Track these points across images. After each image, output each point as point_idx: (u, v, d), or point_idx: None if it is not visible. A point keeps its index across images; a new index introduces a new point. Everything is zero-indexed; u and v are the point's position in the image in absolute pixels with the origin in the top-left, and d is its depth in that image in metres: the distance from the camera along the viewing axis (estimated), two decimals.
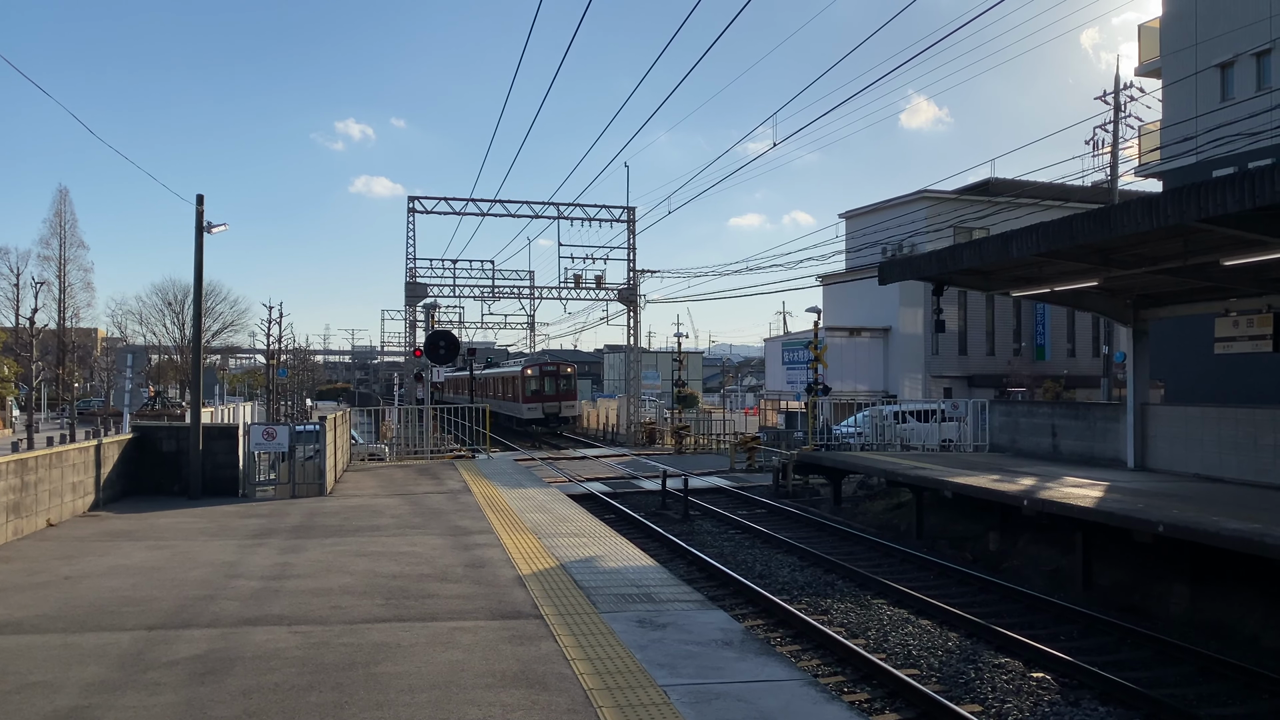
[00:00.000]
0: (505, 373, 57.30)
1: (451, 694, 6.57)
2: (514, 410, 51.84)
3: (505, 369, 58.97)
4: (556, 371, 51.10)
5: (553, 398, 49.94)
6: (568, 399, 50.64)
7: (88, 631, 8.23)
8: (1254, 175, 10.55)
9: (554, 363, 52.84)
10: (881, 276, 19.89)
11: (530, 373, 50.35)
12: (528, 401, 49.60)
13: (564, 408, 50.37)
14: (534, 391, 49.89)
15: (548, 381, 50.31)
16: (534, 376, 50.33)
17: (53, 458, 14.28)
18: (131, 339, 67.37)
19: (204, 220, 18.17)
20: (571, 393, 51.32)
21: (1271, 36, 26.90)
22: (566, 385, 50.88)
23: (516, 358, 67.53)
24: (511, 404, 52.81)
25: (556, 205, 41.35)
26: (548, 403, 49.73)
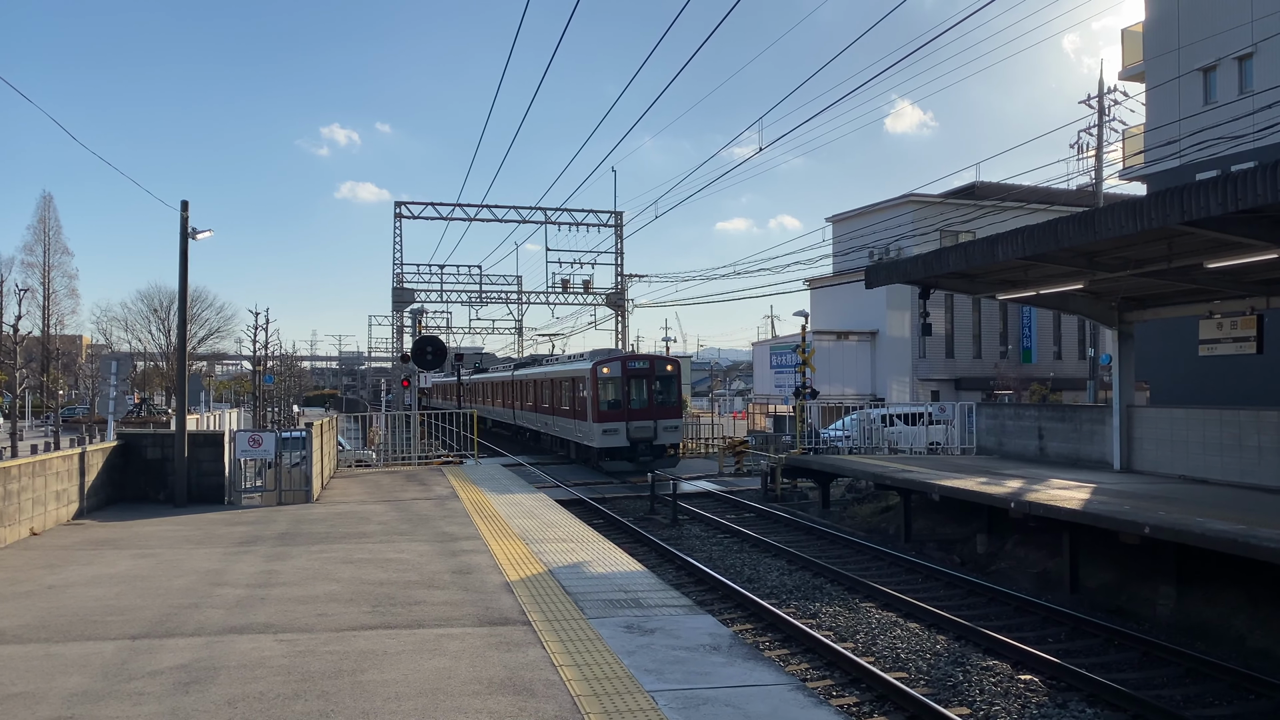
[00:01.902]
0: (552, 373, 36.55)
1: (439, 701, 6.53)
2: (570, 431, 33.15)
3: (551, 368, 37.76)
4: (649, 370, 30.83)
5: (644, 413, 30.20)
6: (668, 414, 30.63)
7: (71, 641, 8.15)
8: (1236, 178, 10.61)
9: (644, 356, 32.42)
10: (868, 280, 19.95)
11: (606, 372, 30.37)
12: (603, 419, 29.97)
13: (662, 430, 30.29)
14: (612, 404, 30.26)
15: (636, 387, 30.52)
16: (612, 379, 30.54)
17: (36, 466, 14.16)
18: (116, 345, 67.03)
19: (189, 226, 18.08)
20: (673, 406, 31.18)
21: (1253, 40, 27.10)
22: (665, 393, 30.88)
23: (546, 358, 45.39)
24: (566, 421, 33.66)
25: (544, 210, 41.35)
26: (637, 421, 30.01)
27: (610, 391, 30.32)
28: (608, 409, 29.93)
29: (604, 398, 30.10)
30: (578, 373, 32.01)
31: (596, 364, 30.30)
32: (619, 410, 29.91)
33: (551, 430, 36.39)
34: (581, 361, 32.71)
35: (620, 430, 29.63)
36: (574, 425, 32.46)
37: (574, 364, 33.72)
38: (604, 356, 31.52)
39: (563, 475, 28.50)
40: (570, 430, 33.21)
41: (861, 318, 46.35)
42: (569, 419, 33.31)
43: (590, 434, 30.34)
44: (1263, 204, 10.36)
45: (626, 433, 29.61)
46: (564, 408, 34.12)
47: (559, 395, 34.92)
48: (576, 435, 32.26)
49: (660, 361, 31.60)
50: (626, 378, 30.37)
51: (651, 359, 31.58)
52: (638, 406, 30.08)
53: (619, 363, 30.49)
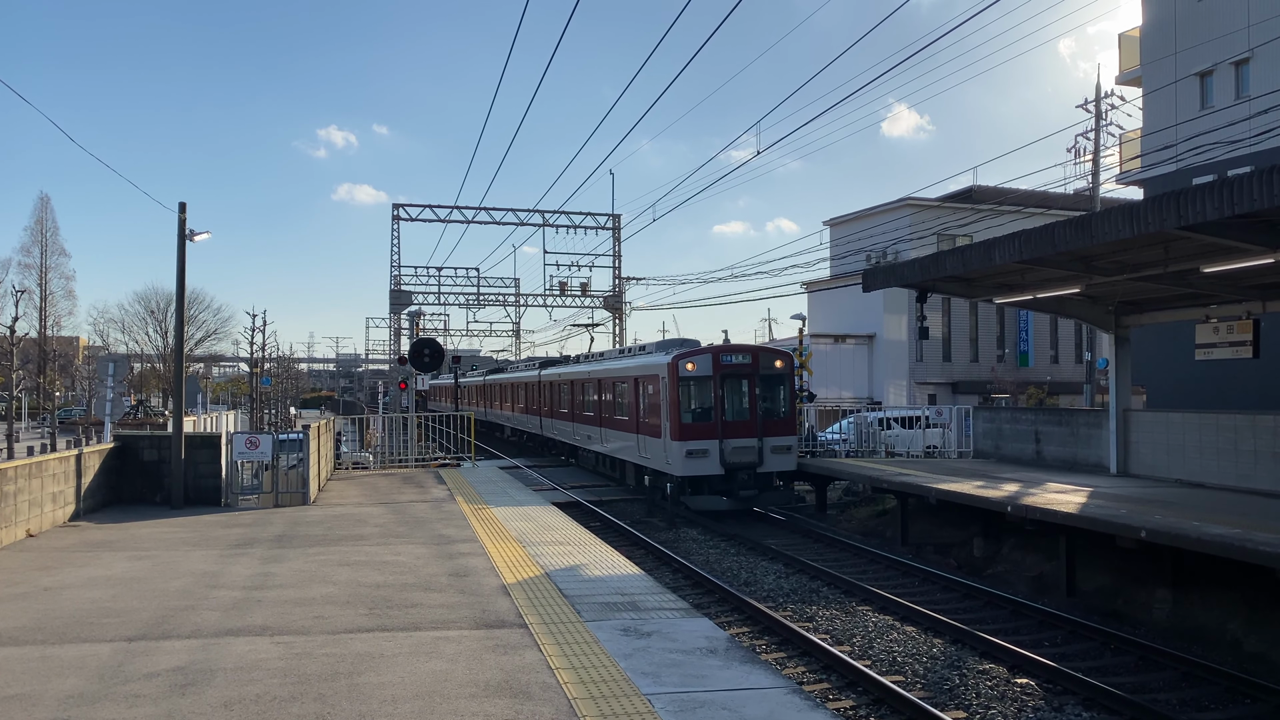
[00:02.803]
0: (605, 372, 27.99)
1: (435, 704, 6.53)
2: (633, 451, 24.93)
3: (602, 365, 29.16)
4: (751, 367, 22.61)
5: (744, 428, 22.12)
6: (778, 429, 22.48)
7: (67, 643, 8.15)
8: (1233, 183, 10.64)
9: (743, 348, 23.79)
10: (865, 284, 19.97)
11: (691, 369, 22.14)
12: (687, 436, 21.77)
13: (771, 452, 22.18)
14: (699, 414, 22.08)
15: (732, 391, 22.46)
16: (697, 380, 22.23)
17: (32, 467, 14.15)
18: (113, 347, 66.94)
19: (186, 228, 18.08)
20: (785, 418, 22.80)
21: (1250, 45, 27.17)
22: (773, 399, 22.79)
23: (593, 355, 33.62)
24: (625, 437, 25.47)
25: (542, 212, 41.38)
26: (735, 439, 21.90)
27: (696, 397, 21.97)
28: (693, 421, 21.62)
29: (688, 406, 21.76)
30: (645, 370, 23.72)
31: (677, 358, 21.87)
32: (708, 424, 21.59)
33: (601, 446, 28.16)
34: (651, 355, 24.62)
35: (711, 453, 21.31)
36: (639, 443, 24.09)
37: (638, 359, 25.49)
38: (685, 348, 23.08)
39: (560, 478, 28.45)
40: (633, 449, 24.78)
41: (859, 321, 46.39)
42: (630, 433, 24.85)
43: (666, 456, 21.98)
44: (1259, 209, 10.38)
45: (720, 456, 21.32)
46: (620, 418, 25.94)
47: (615, 401, 26.50)
48: (643, 456, 23.86)
49: (766, 355, 22.75)
50: (719, 377, 21.83)
51: (754, 351, 22.83)
52: (735, 418, 21.86)
53: (708, 356, 22.11)
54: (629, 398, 25.08)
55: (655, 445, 22.92)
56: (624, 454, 26.02)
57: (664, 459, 22.37)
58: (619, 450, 26.49)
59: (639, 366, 24.68)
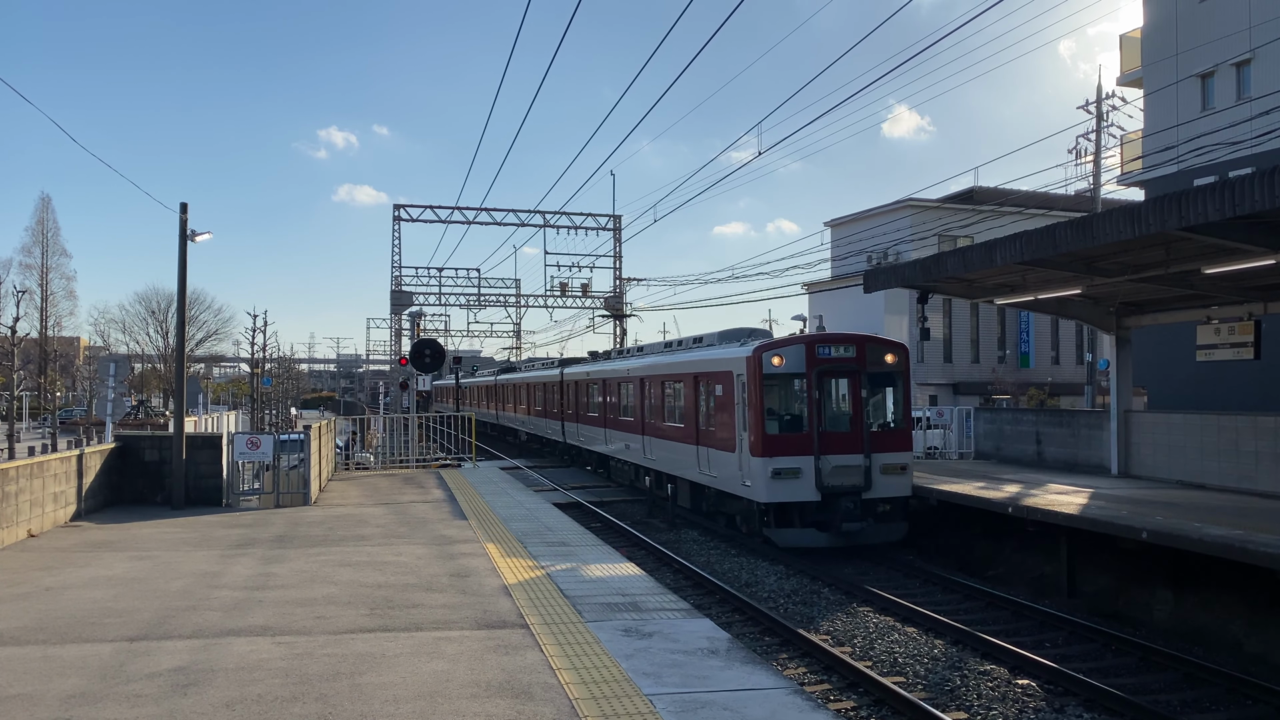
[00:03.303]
0: (660, 367, 23.09)
1: (437, 704, 6.53)
2: (694, 467, 20.27)
3: (655, 359, 24.08)
4: (857, 361, 17.58)
5: (846, 440, 17.21)
6: (891, 443, 17.59)
7: (68, 643, 8.15)
8: (1234, 184, 10.64)
9: (845, 338, 18.16)
10: (866, 284, 19.97)
11: (778, 364, 17.38)
12: (773, 450, 16.97)
13: (881, 471, 17.20)
14: (789, 422, 17.42)
15: (833, 392, 17.98)
16: (786, 378, 17.62)
17: (34, 468, 14.15)
18: (114, 347, 66.97)
19: (188, 228, 18.09)
20: (899, 429, 18.05)
21: (1251, 46, 27.17)
22: (884, 403, 18.22)
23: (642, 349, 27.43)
24: (685, 450, 20.77)
25: (542, 213, 41.41)
26: (836, 455, 17.06)
27: (785, 400, 17.50)
28: (780, 432, 17.00)
29: (774, 411, 17.24)
30: (712, 366, 19.13)
31: (760, 350, 17.26)
32: (801, 436, 16.88)
33: (643, 458, 23.54)
34: (718, 347, 19.91)
35: (804, 473, 16.62)
36: (700, 458, 19.58)
37: (699, 351, 20.70)
38: (755, 338, 19.10)
39: (560, 479, 28.46)
40: (689, 464, 20.30)
41: (859, 322, 46.32)
42: (685, 444, 20.46)
43: (742, 476, 17.39)
44: (1260, 210, 10.38)
45: (816, 477, 16.62)
46: (672, 425, 21.48)
47: (666, 405, 22.13)
48: (705, 474, 19.36)
49: (875, 347, 17.86)
50: (815, 375, 17.06)
51: (859, 342, 17.70)
52: (835, 429, 17.13)
53: (800, 348, 17.31)
54: (686, 400, 20.65)
55: (725, 461, 18.19)
56: (677, 469, 21.33)
57: (738, 479, 17.55)
58: (670, 464, 21.83)
59: (702, 361, 19.88)
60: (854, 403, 17.54)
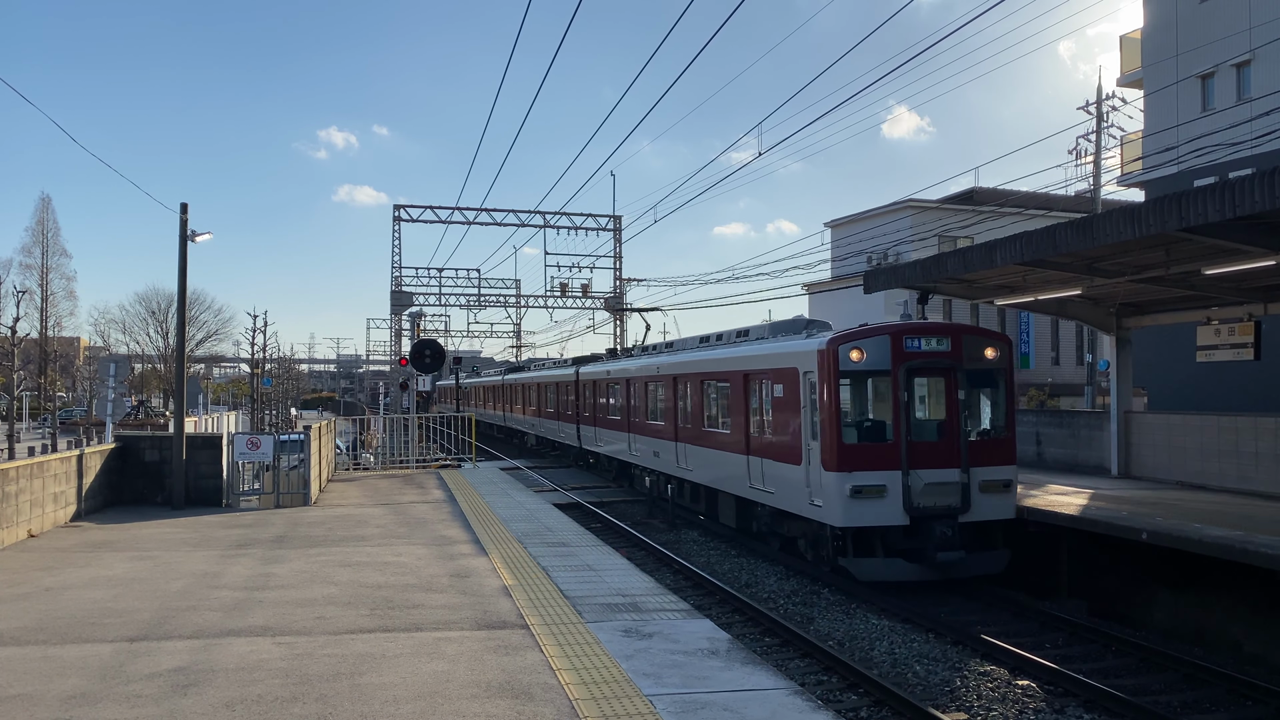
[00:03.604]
0: (698, 365, 20.21)
1: (437, 704, 6.53)
2: (738, 479, 17.74)
3: (695, 355, 20.88)
4: (952, 357, 14.63)
5: (939, 452, 14.38)
6: (991, 455, 14.68)
7: (68, 643, 8.15)
8: (1234, 185, 10.64)
9: (938, 327, 15.44)
10: (866, 285, 19.96)
11: (858, 359, 14.43)
12: (850, 463, 14.15)
13: (980, 490, 14.35)
14: (869, 430, 14.66)
15: (922, 392, 15.14)
16: (867, 376, 14.83)
17: (34, 468, 14.16)
18: (114, 348, 67.00)
19: (188, 229, 18.10)
20: (1001, 438, 14.97)
21: (1251, 47, 27.17)
22: (979, 407, 15.21)
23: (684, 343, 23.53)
24: (733, 460, 17.92)
25: (543, 214, 41.40)
26: (929, 470, 14.16)
27: (866, 403, 14.96)
28: (860, 441, 14.46)
29: (853, 417, 14.72)
30: (772, 362, 16.38)
31: (835, 343, 14.48)
32: (885, 446, 14.23)
33: (681, 469, 20.94)
34: (777, 340, 17.14)
35: (890, 491, 14.01)
36: (755, 471, 16.79)
37: (753, 346, 17.86)
38: (842, 329, 15.41)
39: (560, 479, 28.46)
40: (739, 478, 17.53)
41: (859, 322, 46.40)
42: (735, 454, 17.62)
43: (811, 494, 14.78)
44: (1260, 210, 10.39)
45: (905, 497, 14.00)
46: (718, 432, 18.67)
47: (709, 409, 19.45)
48: (761, 490, 16.61)
49: (974, 339, 15.08)
50: (903, 373, 14.32)
51: (954, 333, 15.00)
52: (927, 438, 14.61)
53: (885, 340, 14.49)
54: (733, 403, 17.77)
55: (786, 476, 15.51)
56: (720, 482, 18.74)
57: (804, 497, 14.92)
58: (711, 476, 19.19)
59: (756, 357, 17.12)
60: (949, 406, 14.61)
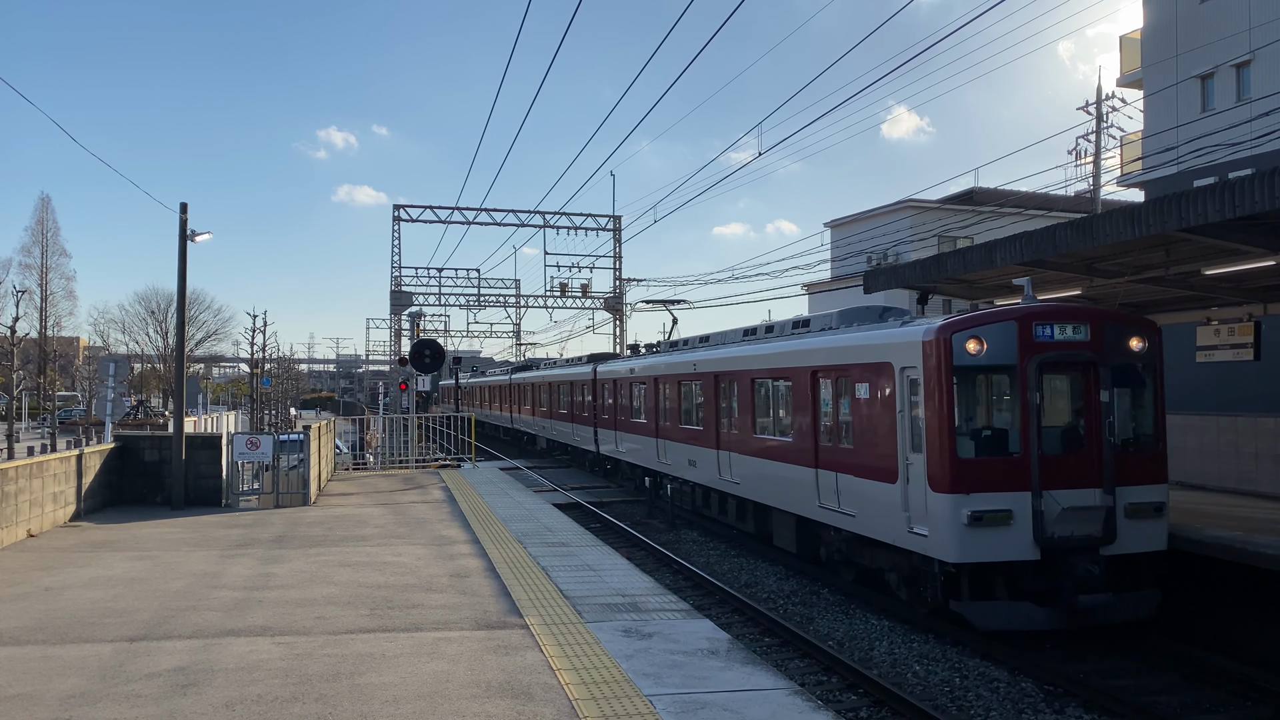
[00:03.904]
0: (749, 361, 17.19)
1: (437, 704, 6.53)
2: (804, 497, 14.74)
3: (741, 349, 17.87)
4: (1092, 348, 11.73)
5: (1082, 468, 11.47)
6: (1141, 471, 11.75)
7: (68, 643, 8.14)
8: (1234, 185, 10.65)
9: (1078, 312, 12.10)
10: (866, 285, 19.95)
11: (975, 350, 11.39)
12: (966, 483, 11.15)
13: (1128, 515, 11.48)
14: (989, 441, 11.62)
15: (1055, 394, 11.97)
16: (987, 371, 11.77)
17: (33, 468, 14.15)
18: (114, 347, 67.01)
19: (188, 228, 18.09)
20: (1151, 449, 12.10)
21: (1251, 48, 27.17)
22: (1125, 411, 12.23)
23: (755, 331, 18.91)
24: (795, 474, 15.06)
25: (542, 214, 41.44)
26: (1065, 490, 11.27)
27: (984, 406, 12.12)
28: (978, 455, 11.60)
29: (970, 423, 11.83)
30: (863, 354, 13.37)
31: (950, 330, 11.63)
32: (1010, 461, 11.47)
33: (726, 482, 18.09)
34: (866, 329, 13.93)
35: (1017, 518, 11.25)
36: (837, 488, 13.77)
37: (836, 336, 14.55)
38: (960, 315, 12.42)
39: (560, 479, 28.45)
40: (805, 496, 14.71)
41: None
42: (800, 466, 14.87)
43: (910, 520, 11.98)
44: (1260, 211, 10.39)
45: (1035, 525, 11.22)
46: (774, 439, 16.00)
47: (776, 410, 16.17)
48: (842, 511, 13.65)
49: (1117, 327, 12.29)
50: (1035, 368, 11.53)
51: (1095, 319, 12.13)
52: (1062, 450, 11.75)
53: (1011, 327, 11.63)
54: (797, 405, 14.91)
55: (877, 497, 12.58)
56: (778, 498, 15.83)
57: (899, 522, 12.00)
58: (766, 490, 16.26)
59: (831, 350, 14.13)
60: (1089, 410, 11.72)
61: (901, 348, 12.35)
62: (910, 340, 12.21)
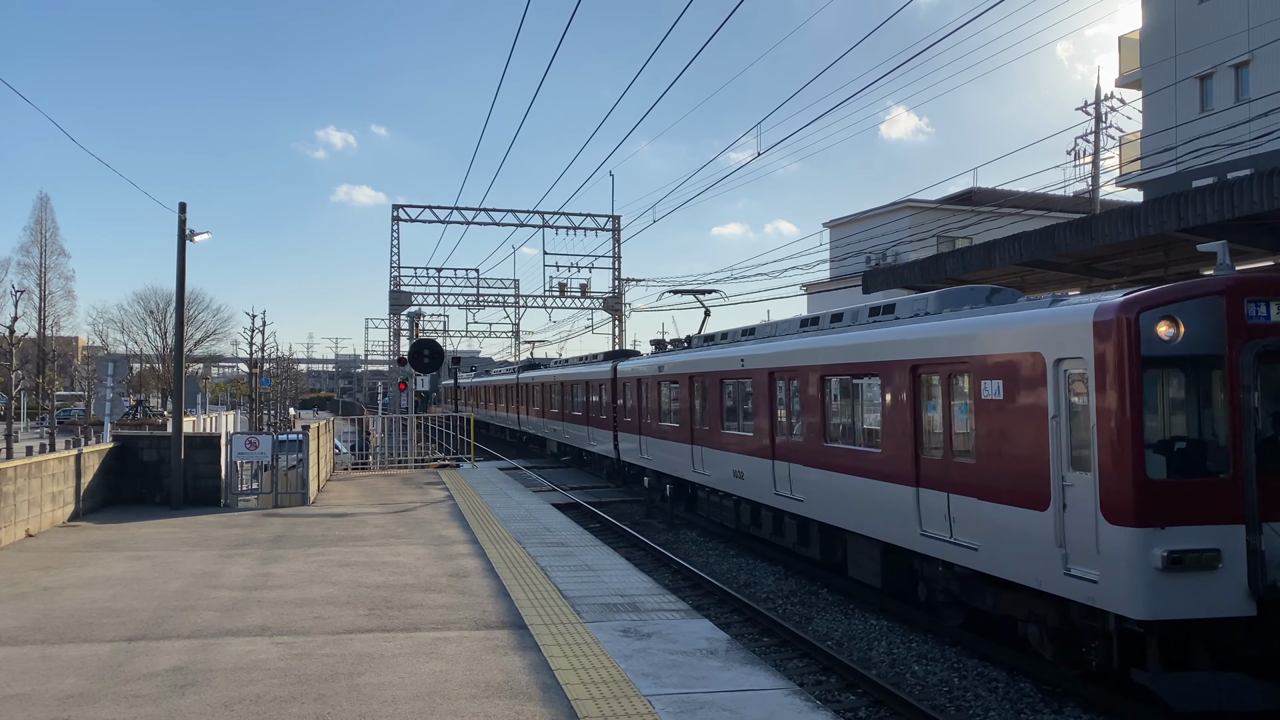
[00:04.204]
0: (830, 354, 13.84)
1: (435, 705, 6.53)
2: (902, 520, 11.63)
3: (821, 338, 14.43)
4: None
5: None
6: None
7: (67, 643, 8.14)
8: (1232, 186, 10.66)
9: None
10: (865, 285, 19.99)
11: (1169, 333, 8.45)
12: (1156, 513, 8.22)
13: None
14: (1191, 452, 8.74)
15: (1272, 390, 8.75)
16: (1183, 362, 8.72)
17: (32, 468, 14.14)
18: (113, 347, 67.01)
19: (186, 228, 18.09)
20: None
21: (1250, 48, 27.20)
22: None
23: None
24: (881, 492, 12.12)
25: (541, 214, 41.47)
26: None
27: (1178, 409, 9.21)
28: (1173, 475, 8.68)
29: (1160, 431, 8.94)
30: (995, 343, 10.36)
31: (1132, 307, 8.62)
32: (1214, 483, 8.57)
33: (785, 496, 15.26)
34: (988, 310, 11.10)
35: (1228, 558, 8.33)
36: (949, 512, 10.88)
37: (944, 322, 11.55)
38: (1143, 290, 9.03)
39: (559, 479, 28.44)
40: (905, 519, 11.73)
41: None
42: (892, 484, 12.06)
43: (1076, 559, 9.04)
44: (1259, 211, 10.41)
45: (1255, 569, 8.32)
46: (861, 453, 13.03)
47: (856, 413, 13.50)
48: (956, 541, 10.74)
49: None
50: (1251, 358, 8.57)
51: None
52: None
53: (1214, 303, 8.61)
54: (891, 407, 12.10)
55: (1016, 526, 9.85)
56: (868, 524, 12.72)
57: (1053, 562, 9.31)
58: (848, 514, 13.27)
59: (947, 339, 11.16)
60: None
61: (1059, 333, 9.46)
62: (1074, 322, 9.28)
